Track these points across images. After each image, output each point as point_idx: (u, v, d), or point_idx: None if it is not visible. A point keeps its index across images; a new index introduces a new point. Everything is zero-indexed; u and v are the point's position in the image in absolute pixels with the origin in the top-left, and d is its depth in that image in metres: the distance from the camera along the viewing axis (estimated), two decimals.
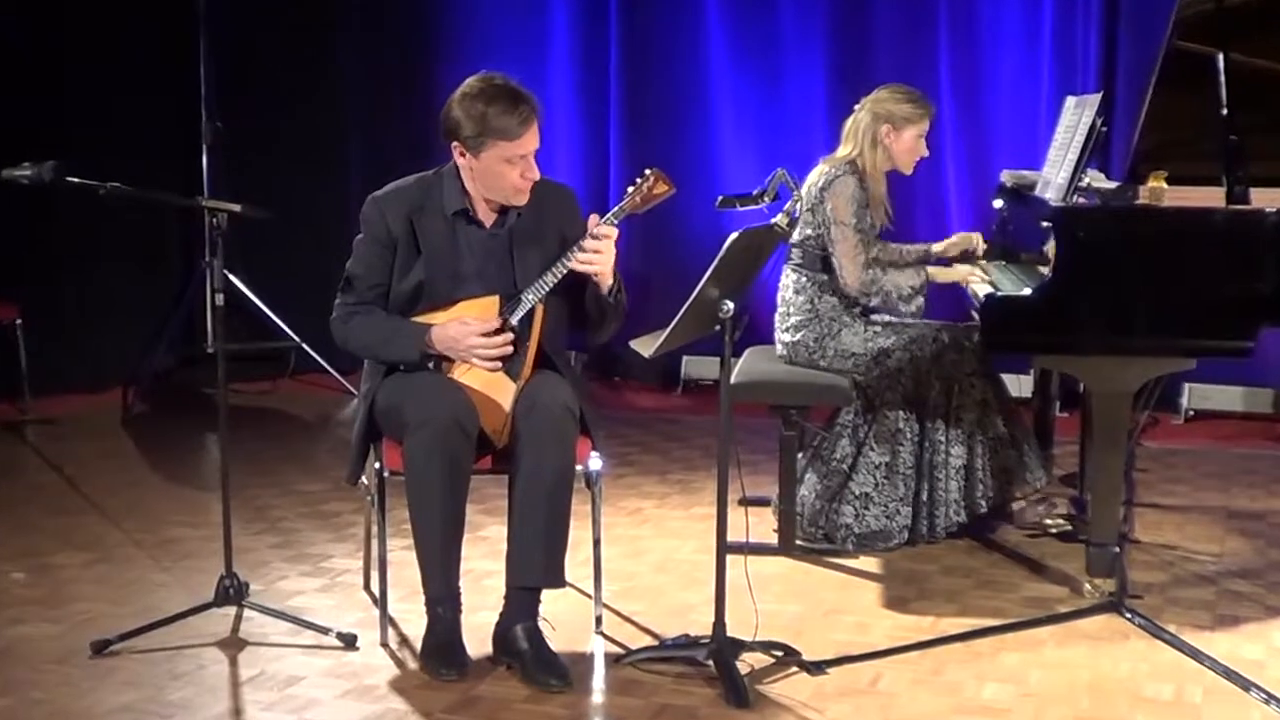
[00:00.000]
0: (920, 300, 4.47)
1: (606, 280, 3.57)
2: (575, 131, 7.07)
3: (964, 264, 4.70)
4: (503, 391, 3.56)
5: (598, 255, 3.51)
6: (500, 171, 3.52)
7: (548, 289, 3.56)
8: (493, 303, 3.59)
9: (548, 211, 3.65)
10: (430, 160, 3.75)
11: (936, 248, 4.80)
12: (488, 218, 3.64)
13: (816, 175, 4.55)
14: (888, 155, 4.52)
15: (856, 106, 4.58)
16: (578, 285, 3.59)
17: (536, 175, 3.56)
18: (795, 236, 4.52)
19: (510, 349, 3.55)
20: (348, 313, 3.66)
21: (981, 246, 4.80)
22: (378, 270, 3.64)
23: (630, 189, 3.58)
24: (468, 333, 3.54)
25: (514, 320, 3.57)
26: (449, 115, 3.54)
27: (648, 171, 3.58)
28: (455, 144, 3.55)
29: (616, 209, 3.56)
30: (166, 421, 6.42)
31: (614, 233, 3.53)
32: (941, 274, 4.58)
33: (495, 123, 3.47)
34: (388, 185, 3.68)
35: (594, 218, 3.54)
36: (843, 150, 4.56)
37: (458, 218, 3.62)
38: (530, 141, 3.51)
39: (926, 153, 4.60)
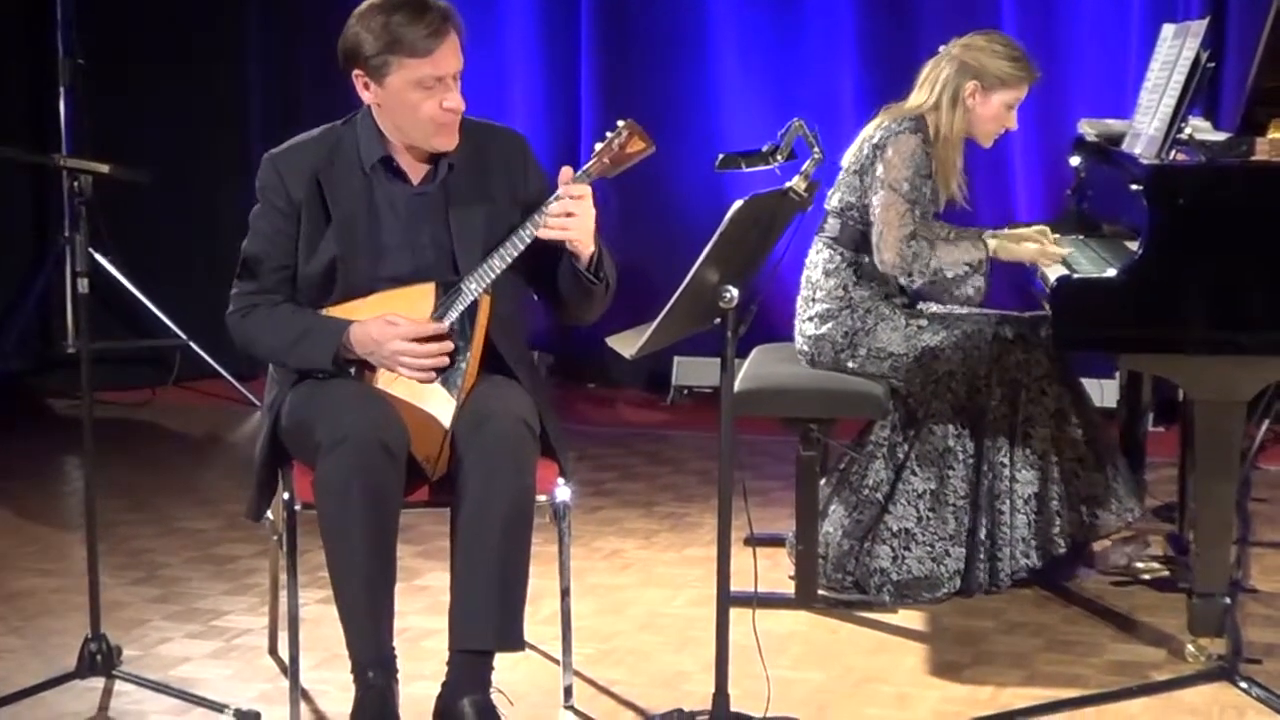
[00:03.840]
0: (979, 281, 4.45)
1: (586, 249, 3.57)
2: (536, 73, 7.03)
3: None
4: (438, 408, 3.55)
5: (570, 219, 3.53)
6: (413, 102, 3.54)
7: (495, 274, 3.56)
8: (427, 292, 3.59)
9: (492, 163, 3.67)
10: (358, 108, 3.76)
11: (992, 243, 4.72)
12: (415, 172, 3.66)
13: (872, 128, 4.55)
14: (966, 120, 4.52)
15: (942, 48, 4.57)
16: (548, 254, 3.60)
17: (460, 105, 3.57)
18: (833, 203, 4.54)
19: (445, 358, 3.57)
20: (247, 305, 3.67)
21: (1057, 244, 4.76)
22: (281, 249, 3.64)
23: (599, 146, 3.60)
24: (392, 334, 3.54)
25: (452, 318, 3.56)
26: (346, 36, 3.58)
27: (620, 124, 3.60)
28: (357, 72, 3.58)
29: (581, 172, 3.58)
30: (14, 440, 6.40)
31: (588, 190, 3.55)
32: (1008, 248, 4.55)
33: (398, 33, 3.49)
34: (287, 141, 3.70)
35: (565, 170, 3.55)
36: (914, 99, 4.56)
37: (375, 172, 3.64)
38: (446, 60, 3.52)
39: (1014, 125, 4.60)
